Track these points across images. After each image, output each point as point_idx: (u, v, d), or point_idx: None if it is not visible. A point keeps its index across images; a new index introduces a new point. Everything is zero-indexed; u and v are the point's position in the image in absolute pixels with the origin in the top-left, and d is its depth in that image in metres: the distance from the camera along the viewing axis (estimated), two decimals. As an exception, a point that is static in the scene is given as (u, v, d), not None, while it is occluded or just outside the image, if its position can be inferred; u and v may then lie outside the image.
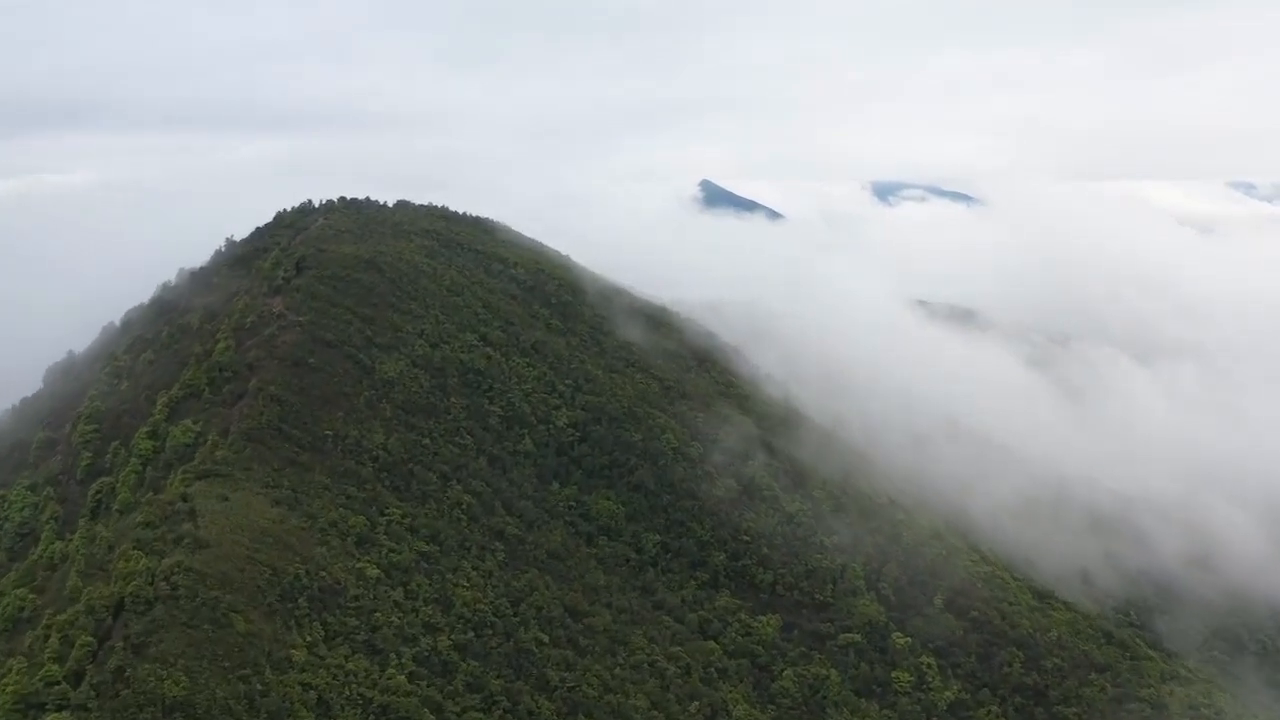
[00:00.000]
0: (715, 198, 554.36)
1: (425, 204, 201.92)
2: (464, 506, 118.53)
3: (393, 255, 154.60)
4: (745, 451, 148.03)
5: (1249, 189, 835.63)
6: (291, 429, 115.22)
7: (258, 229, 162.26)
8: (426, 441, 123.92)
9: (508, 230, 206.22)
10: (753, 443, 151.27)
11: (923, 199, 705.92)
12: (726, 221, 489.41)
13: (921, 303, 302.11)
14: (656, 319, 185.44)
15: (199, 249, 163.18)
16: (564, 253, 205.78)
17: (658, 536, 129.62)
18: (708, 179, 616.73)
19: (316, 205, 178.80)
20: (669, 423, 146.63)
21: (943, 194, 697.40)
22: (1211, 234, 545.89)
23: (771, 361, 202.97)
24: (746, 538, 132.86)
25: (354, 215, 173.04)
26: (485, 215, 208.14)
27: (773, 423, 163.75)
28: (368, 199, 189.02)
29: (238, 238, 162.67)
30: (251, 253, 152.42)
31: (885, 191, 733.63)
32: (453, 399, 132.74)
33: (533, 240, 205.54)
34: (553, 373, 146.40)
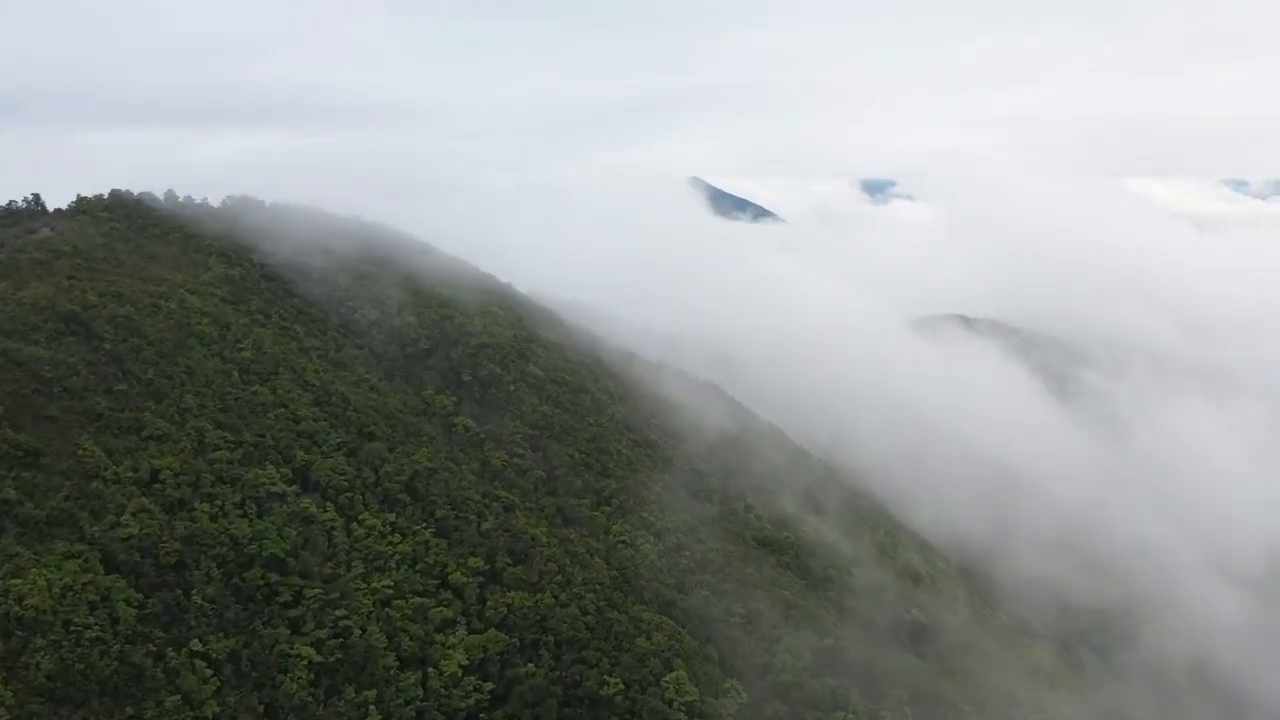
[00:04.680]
0: (705, 195, 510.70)
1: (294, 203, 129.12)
2: None
3: (140, 303, 79.80)
4: (818, 695, 75.00)
5: (1242, 187, 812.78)
6: None
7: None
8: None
9: (413, 244, 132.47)
10: (826, 653, 78.84)
11: (913, 196, 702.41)
12: (716, 219, 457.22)
13: (917, 319, 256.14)
14: (649, 401, 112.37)
15: None
16: (535, 261, 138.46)
17: None
18: (698, 176, 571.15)
19: (67, 205, 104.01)
20: (679, 637, 73.59)
21: (934, 191, 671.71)
22: (1207, 231, 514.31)
23: (774, 411, 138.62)
24: None
25: (115, 223, 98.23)
26: (456, 220, 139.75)
27: (844, 605, 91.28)
28: (169, 194, 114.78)
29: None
30: None
31: (875, 189, 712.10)
32: (197, 639, 58.81)
33: (465, 265, 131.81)
34: (443, 543, 72.77)
